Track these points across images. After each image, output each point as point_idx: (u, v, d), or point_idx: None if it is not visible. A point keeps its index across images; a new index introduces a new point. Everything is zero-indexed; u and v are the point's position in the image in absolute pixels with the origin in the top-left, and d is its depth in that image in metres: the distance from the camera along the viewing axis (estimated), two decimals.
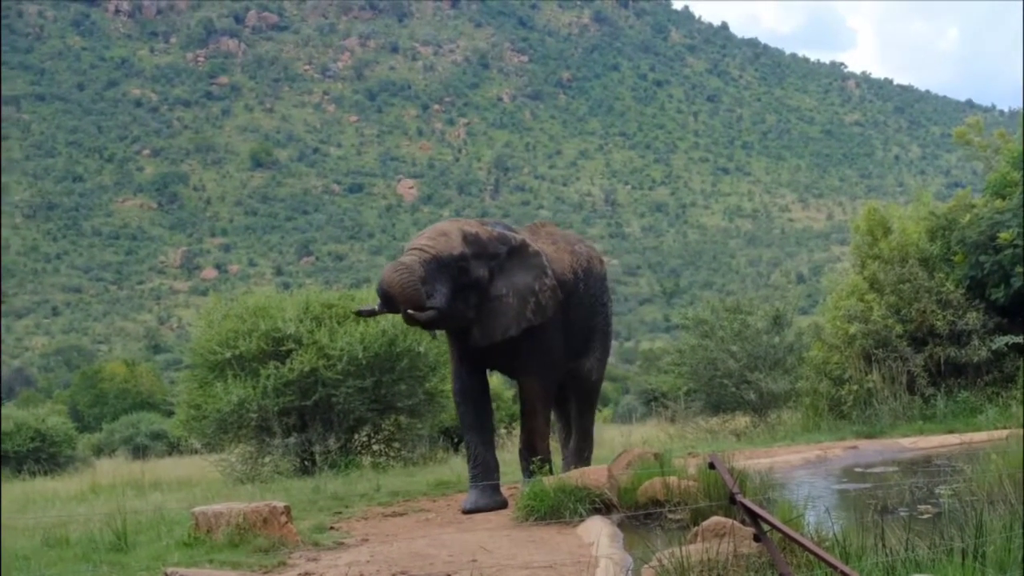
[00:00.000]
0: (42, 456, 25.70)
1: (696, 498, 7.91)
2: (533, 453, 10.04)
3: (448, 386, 13.62)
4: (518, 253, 10.00)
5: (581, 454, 11.28)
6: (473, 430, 9.95)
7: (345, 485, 12.12)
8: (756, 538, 5.08)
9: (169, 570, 5.67)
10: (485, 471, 9.75)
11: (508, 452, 14.39)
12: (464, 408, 10.06)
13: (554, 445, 11.41)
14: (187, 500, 11.26)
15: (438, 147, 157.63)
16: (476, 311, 9.63)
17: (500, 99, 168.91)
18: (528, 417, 10.22)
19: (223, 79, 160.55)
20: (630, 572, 6.39)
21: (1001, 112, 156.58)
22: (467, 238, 9.61)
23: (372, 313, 9.74)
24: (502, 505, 9.61)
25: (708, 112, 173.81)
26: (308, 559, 7.36)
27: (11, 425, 26.57)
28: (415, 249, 9.29)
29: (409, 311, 9.04)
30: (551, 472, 9.80)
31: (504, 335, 9.75)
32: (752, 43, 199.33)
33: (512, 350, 9.95)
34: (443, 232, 9.55)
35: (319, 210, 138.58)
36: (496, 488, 9.80)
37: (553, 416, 11.22)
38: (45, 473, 22.45)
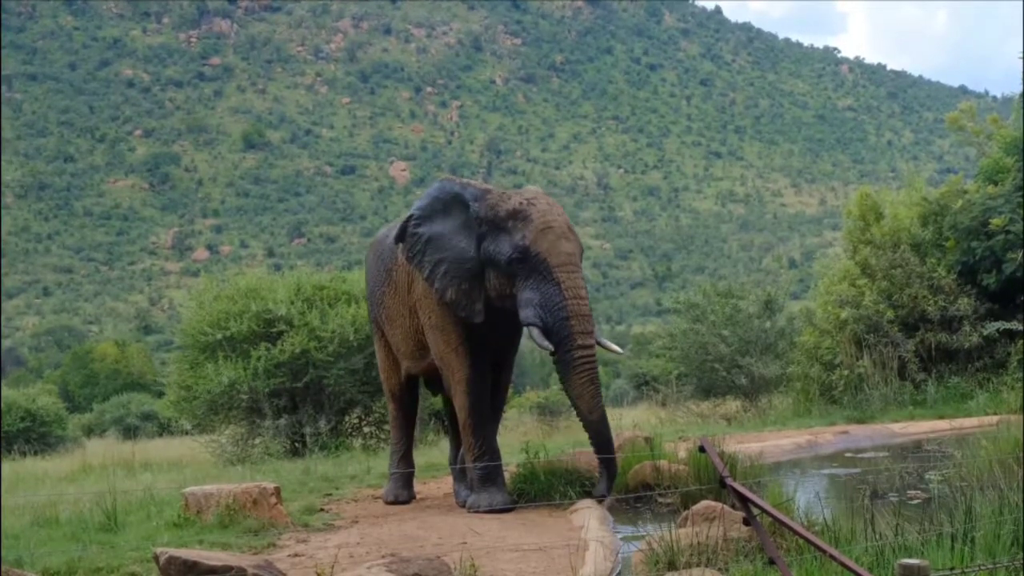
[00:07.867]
0: (32, 436, 25.70)
1: (686, 482, 7.90)
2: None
3: None
4: None
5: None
6: (488, 422, 8.67)
7: (335, 467, 12.13)
8: (746, 522, 5.07)
9: (159, 550, 5.65)
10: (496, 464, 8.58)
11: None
12: (479, 399, 8.59)
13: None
14: (177, 481, 11.26)
15: (430, 129, 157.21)
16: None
17: (493, 82, 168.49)
18: (499, 415, 9.17)
19: (215, 60, 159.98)
20: (620, 555, 6.39)
21: (994, 98, 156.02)
22: None
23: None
24: (512, 502, 8.45)
25: (701, 96, 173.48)
26: (298, 540, 7.35)
27: (1, 405, 26.54)
28: (577, 267, 8.21)
29: None
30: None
31: None
32: (745, 27, 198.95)
33: (512, 334, 8.83)
34: (571, 225, 8.43)
35: (311, 192, 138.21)
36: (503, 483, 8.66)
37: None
38: (35, 453, 22.43)
